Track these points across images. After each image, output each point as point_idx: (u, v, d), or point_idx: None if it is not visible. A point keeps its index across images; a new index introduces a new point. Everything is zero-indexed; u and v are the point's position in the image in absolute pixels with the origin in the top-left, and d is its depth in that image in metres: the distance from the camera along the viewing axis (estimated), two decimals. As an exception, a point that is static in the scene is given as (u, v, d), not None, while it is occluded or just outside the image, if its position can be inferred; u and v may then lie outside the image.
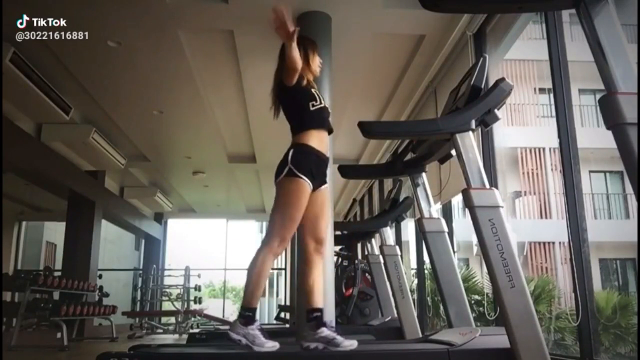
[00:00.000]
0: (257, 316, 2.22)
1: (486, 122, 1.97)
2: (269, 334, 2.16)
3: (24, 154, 6.14)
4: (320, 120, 2.32)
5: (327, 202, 2.41)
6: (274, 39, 4.38)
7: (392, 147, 6.72)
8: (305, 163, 2.21)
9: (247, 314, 2.13)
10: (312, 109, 2.31)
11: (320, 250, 2.30)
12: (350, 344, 2.10)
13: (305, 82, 2.34)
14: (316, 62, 2.44)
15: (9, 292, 7.64)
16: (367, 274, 5.22)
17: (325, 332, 2.11)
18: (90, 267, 7.99)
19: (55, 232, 11.66)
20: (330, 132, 2.38)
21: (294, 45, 2.13)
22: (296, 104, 2.32)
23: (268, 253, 2.18)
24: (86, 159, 7.33)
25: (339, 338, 2.10)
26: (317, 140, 2.28)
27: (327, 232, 2.42)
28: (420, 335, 3.51)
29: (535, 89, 9.80)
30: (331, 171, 2.55)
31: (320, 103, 2.34)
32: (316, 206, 2.29)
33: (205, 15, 4.12)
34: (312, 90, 2.36)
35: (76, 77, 5.29)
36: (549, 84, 3.04)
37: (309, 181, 2.20)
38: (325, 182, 2.34)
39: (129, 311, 10.42)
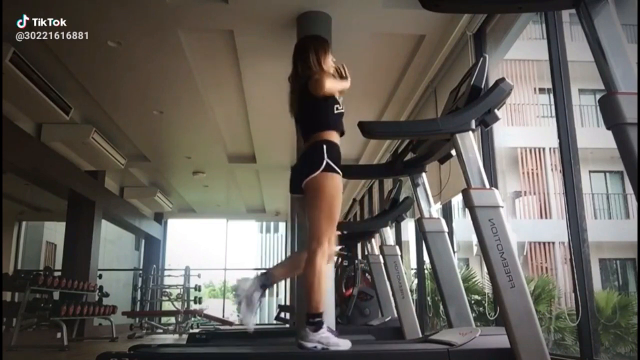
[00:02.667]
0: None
1: (486, 122, 1.97)
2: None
3: (24, 154, 6.14)
4: (340, 124, 2.38)
5: None
6: (274, 39, 4.40)
7: (392, 147, 6.72)
8: (337, 158, 2.24)
9: (316, 320, 2.12)
10: (335, 112, 2.37)
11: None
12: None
13: None
14: (329, 62, 2.49)
15: (9, 292, 7.64)
16: (367, 274, 5.22)
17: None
18: (90, 267, 7.99)
19: (55, 232, 11.67)
20: (342, 135, 2.42)
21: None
22: (323, 105, 2.35)
23: (322, 256, 2.16)
24: (86, 159, 7.33)
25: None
26: (338, 141, 2.33)
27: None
28: (420, 335, 3.51)
29: (535, 89, 9.81)
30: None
31: (343, 108, 2.41)
32: None
33: (205, 15, 4.12)
34: (336, 95, 2.41)
35: (76, 77, 5.29)
36: (549, 84, 3.03)
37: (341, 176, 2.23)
38: None
39: (129, 311, 10.41)
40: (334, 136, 2.31)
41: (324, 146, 2.23)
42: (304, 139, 2.42)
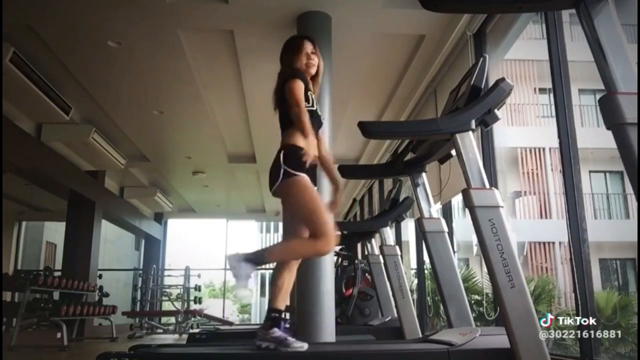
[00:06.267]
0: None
1: (486, 122, 1.96)
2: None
3: (24, 154, 6.14)
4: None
5: None
6: (274, 39, 4.40)
7: (392, 147, 6.72)
8: (297, 161, 2.19)
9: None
10: None
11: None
12: (300, 345, 2.11)
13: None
14: (298, 61, 2.39)
15: (9, 292, 7.64)
16: (367, 274, 5.22)
17: (277, 332, 2.11)
18: (90, 267, 7.99)
19: (55, 232, 11.67)
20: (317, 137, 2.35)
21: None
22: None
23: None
24: (86, 159, 7.33)
25: (290, 339, 2.11)
26: (304, 141, 2.23)
27: None
28: (420, 335, 3.51)
29: (535, 89, 9.81)
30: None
31: (312, 106, 2.31)
32: None
33: (205, 15, 4.12)
34: (308, 92, 2.32)
35: (76, 77, 5.29)
36: (549, 84, 3.03)
37: (306, 175, 2.20)
38: (315, 184, 2.29)
39: (129, 311, 10.42)
40: (296, 137, 2.24)
41: (282, 153, 2.22)
42: None
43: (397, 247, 3.86)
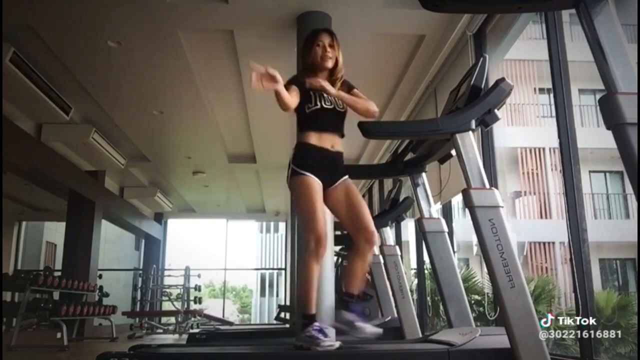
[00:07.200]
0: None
1: (486, 122, 1.97)
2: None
3: (24, 154, 6.14)
4: (317, 123, 2.30)
5: (353, 193, 2.33)
6: (274, 39, 4.41)
7: (392, 147, 6.72)
8: (304, 160, 2.26)
9: (304, 321, 2.20)
10: (307, 111, 2.30)
11: (370, 239, 2.29)
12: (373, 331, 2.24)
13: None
14: (312, 54, 2.37)
15: (9, 292, 7.64)
16: (367, 274, 5.22)
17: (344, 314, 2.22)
18: (90, 267, 7.99)
19: (55, 232, 11.67)
20: (340, 135, 2.35)
21: (280, 91, 2.09)
22: (297, 107, 2.29)
23: (309, 258, 2.20)
24: (86, 159, 7.33)
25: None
26: (316, 138, 2.28)
27: (369, 220, 2.33)
28: (420, 335, 3.51)
29: (535, 89, 9.80)
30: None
31: (316, 105, 2.28)
32: (339, 201, 2.32)
33: (205, 15, 4.12)
34: (311, 92, 2.29)
35: (76, 77, 5.29)
36: (549, 84, 3.03)
37: (312, 175, 2.23)
38: (339, 177, 2.32)
39: (129, 311, 10.42)
40: (307, 136, 2.29)
41: (293, 152, 2.32)
42: None
43: (397, 247, 3.86)
